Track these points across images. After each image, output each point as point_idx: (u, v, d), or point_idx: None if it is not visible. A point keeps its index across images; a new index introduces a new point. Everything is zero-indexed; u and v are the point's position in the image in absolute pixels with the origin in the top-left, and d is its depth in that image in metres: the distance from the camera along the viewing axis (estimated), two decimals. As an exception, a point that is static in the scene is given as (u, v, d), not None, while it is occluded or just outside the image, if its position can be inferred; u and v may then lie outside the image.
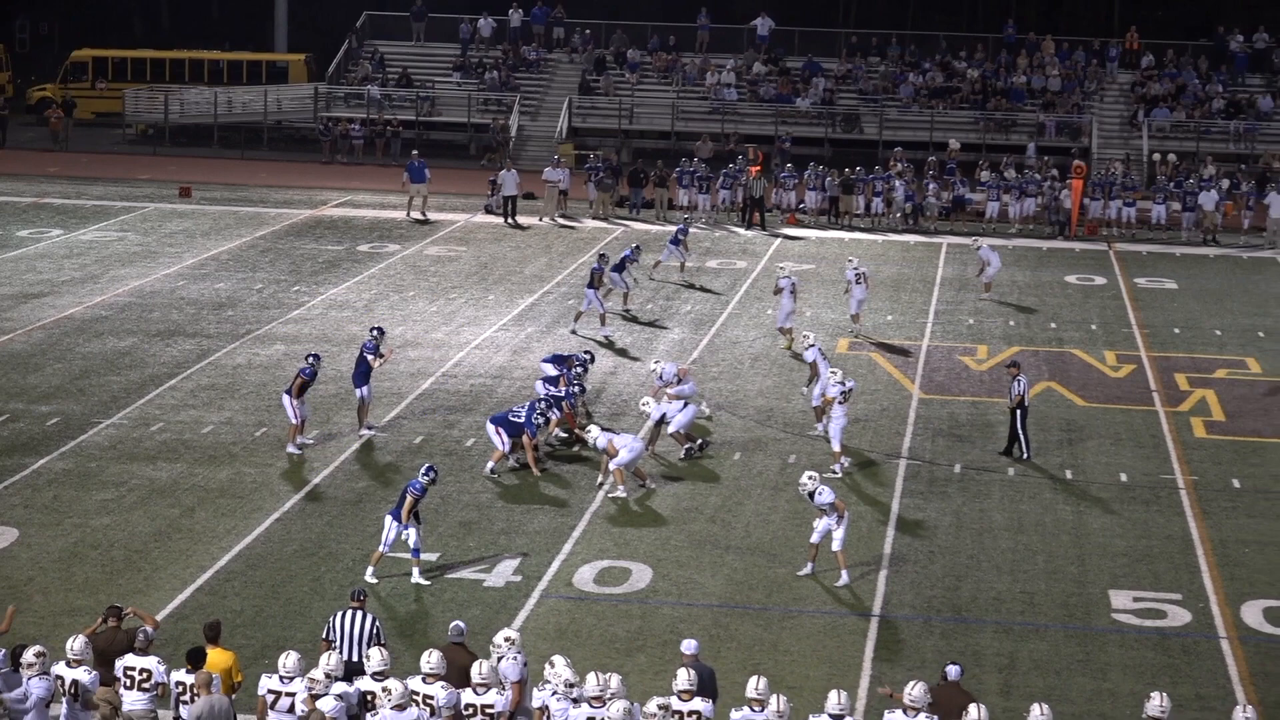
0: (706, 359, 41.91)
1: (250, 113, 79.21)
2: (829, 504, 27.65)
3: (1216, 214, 60.13)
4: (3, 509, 30.11)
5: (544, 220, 60.69)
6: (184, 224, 58.01)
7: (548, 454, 33.67)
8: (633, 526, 30.17)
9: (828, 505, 27.64)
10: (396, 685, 19.65)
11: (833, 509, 27.63)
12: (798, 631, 25.97)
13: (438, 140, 76.31)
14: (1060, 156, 69.62)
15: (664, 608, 26.64)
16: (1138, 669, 24.89)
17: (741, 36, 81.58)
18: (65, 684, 19.99)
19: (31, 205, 60.90)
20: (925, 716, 19.60)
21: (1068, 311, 48.38)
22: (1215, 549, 29.83)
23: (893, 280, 51.81)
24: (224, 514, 30.21)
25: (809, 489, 27.83)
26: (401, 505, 27.25)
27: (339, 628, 22.00)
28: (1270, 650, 25.80)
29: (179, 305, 45.90)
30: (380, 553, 27.29)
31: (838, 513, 27.65)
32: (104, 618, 21.58)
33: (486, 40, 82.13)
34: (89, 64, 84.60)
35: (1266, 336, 45.76)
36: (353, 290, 48.21)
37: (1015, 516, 31.25)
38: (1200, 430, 37.10)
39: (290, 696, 19.82)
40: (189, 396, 37.38)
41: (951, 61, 78.86)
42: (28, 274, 49.09)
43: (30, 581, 26.97)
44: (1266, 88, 75.68)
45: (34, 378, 38.47)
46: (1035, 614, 26.91)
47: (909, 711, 19.63)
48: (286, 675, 19.93)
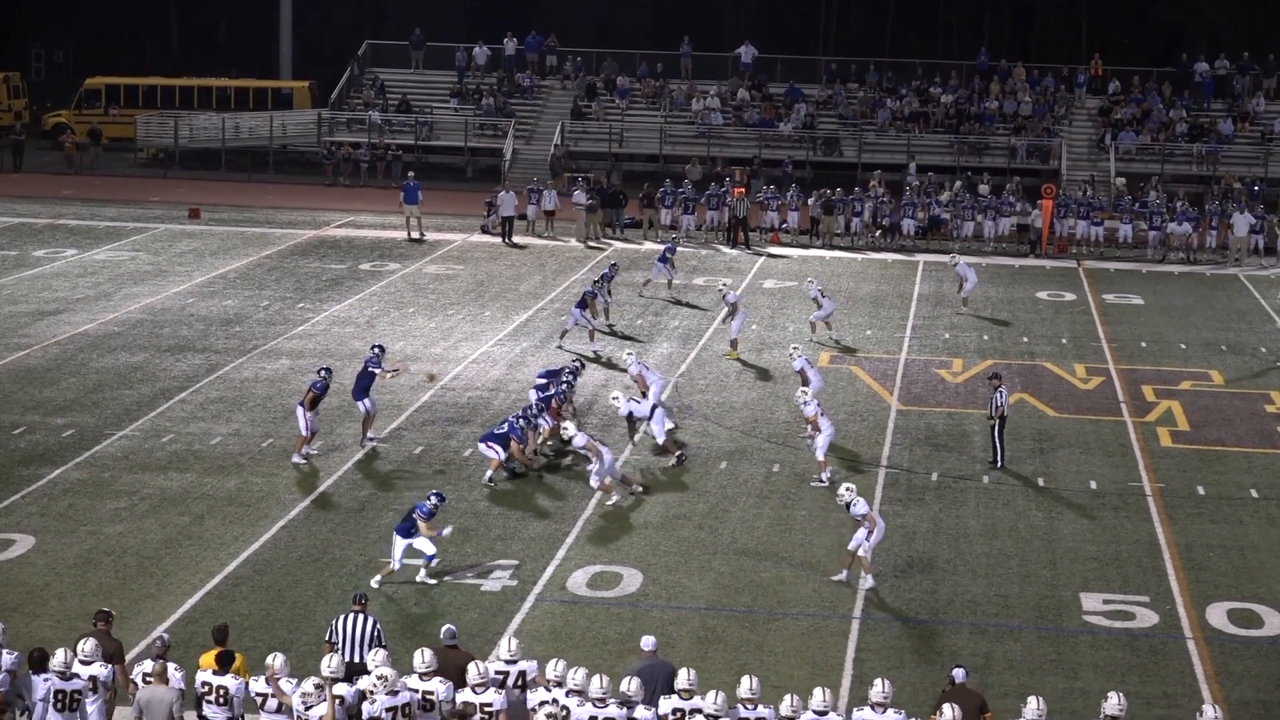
0: (694, 372, 41.90)
1: (257, 137, 79.25)
2: (863, 515, 27.60)
3: (1193, 237, 60.35)
4: (20, 517, 30.07)
5: (575, 241, 60.77)
6: (193, 244, 57.98)
7: (543, 465, 33.66)
8: (624, 533, 30.15)
9: (861, 516, 27.59)
10: (391, 672, 19.67)
11: (865, 520, 27.59)
12: (782, 633, 25.94)
13: (436, 163, 76.33)
14: (1031, 178, 69.85)
15: (654, 611, 26.61)
16: (1108, 668, 24.88)
17: (726, 64, 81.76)
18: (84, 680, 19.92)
19: (47, 226, 60.85)
20: (894, 713, 19.59)
21: (1039, 326, 48.40)
22: (1181, 553, 29.83)
23: (872, 296, 51.85)
24: (232, 522, 30.18)
25: (845, 499, 27.71)
26: (410, 524, 27.23)
27: (341, 630, 21.96)
28: (1234, 650, 25.79)
29: (189, 322, 45.86)
30: (392, 569, 27.24)
31: (869, 525, 27.61)
32: (94, 621, 21.51)
33: (482, 68, 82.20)
34: (102, 91, 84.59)
35: (1229, 350, 45.79)
36: (355, 307, 48.18)
37: (990, 522, 31.24)
38: (1166, 439, 37.11)
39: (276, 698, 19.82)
40: (198, 409, 37.34)
41: (927, 87, 78.99)
42: (44, 292, 49.05)
43: (46, 587, 26.92)
44: (1228, 112, 75.81)
45: (50, 391, 38.43)
46: (1009, 616, 26.89)
47: (877, 708, 19.62)
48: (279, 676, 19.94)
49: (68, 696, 19.77)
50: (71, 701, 19.75)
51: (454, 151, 78.19)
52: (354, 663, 21.13)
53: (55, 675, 19.76)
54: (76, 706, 19.77)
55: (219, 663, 20.26)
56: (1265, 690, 24.38)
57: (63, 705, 19.74)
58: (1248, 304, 52.29)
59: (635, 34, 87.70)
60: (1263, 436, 37.61)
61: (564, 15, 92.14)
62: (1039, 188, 64.36)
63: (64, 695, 19.77)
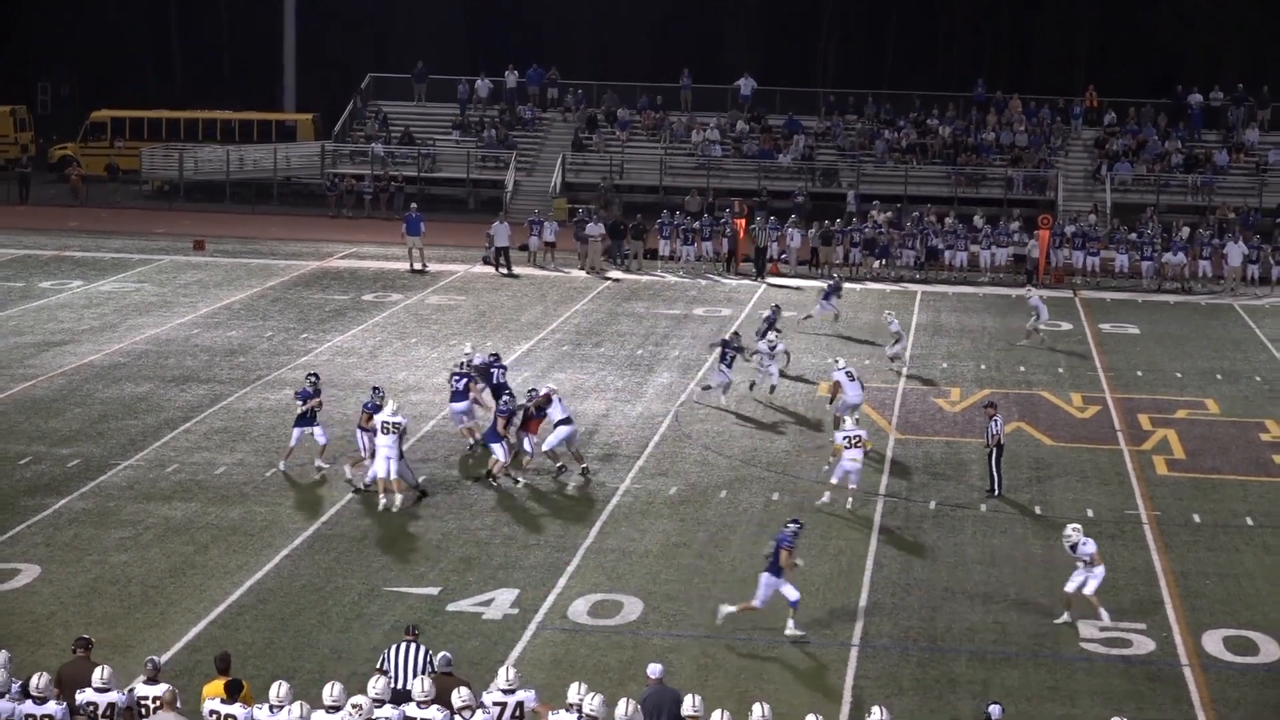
0: (694, 402, 41.88)
1: (260, 169, 79.37)
2: (1090, 555, 27.47)
3: (1187, 267, 60.50)
4: (26, 547, 30.06)
5: (586, 271, 60.92)
6: (198, 275, 58.04)
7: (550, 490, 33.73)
8: (624, 561, 30.13)
9: (1089, 556, 27.47)
10: (365, 700, 19.70)
11: (1092, 560, 27.47)
12: (781, 660, 25.92)
13: (438, 195, 76.43)
14: (1028, 209, 69.93)
15: (654, 639, 26.59)
16: (1105, 696, 24.85)
17: (726, 96, 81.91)
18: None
19: (53, 258, 60.91)
20: None
21: (1036, 355, 48.41)
22: (1177, 580, 29.82)
23: (870, 326, 51.85)
24: (236, 551, 30.17)
25: (1072, 540, 27.49)
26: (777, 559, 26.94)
27: (392, 658, 21.98)
28: (1230, 677, 25.77)
29: (193, 352, 45.88)
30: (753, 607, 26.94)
31: (1095, 564, 27.48)
32: (74, 648, 21.49)
33: (484, 100, 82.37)
34: (107, 124, 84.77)
35: (1224, 379, 45.81)
36: (358, 337, 48.20)
37: (988, 550, 31.24)
38: (1162, 468, 37.11)
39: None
40: (202, 439, 37.34)
41: (924, 119, 79.11)
42: (49, 323, 49.08)
43: (52, 616, 26.91)
44: (1222, 143, 75.94)
45: (55, 422, 38.44)
46: (1007, 643, 26.87)
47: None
48: (277, 705, 19.90)
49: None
50: None
51: (456, 183, 78.31)
52: (401, 689, 21.13)
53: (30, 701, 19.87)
54: None
55: (228, 691, 20.24)
56: (1261, 717, 24.38)
57: None
58: (1243, 333, 52.32)
59: (635, 66, 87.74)
60: (1258, 465, 37.61)
61: (565, 48, 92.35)
62: (1036, 218, 64.41)
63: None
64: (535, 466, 34.93)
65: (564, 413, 35.10)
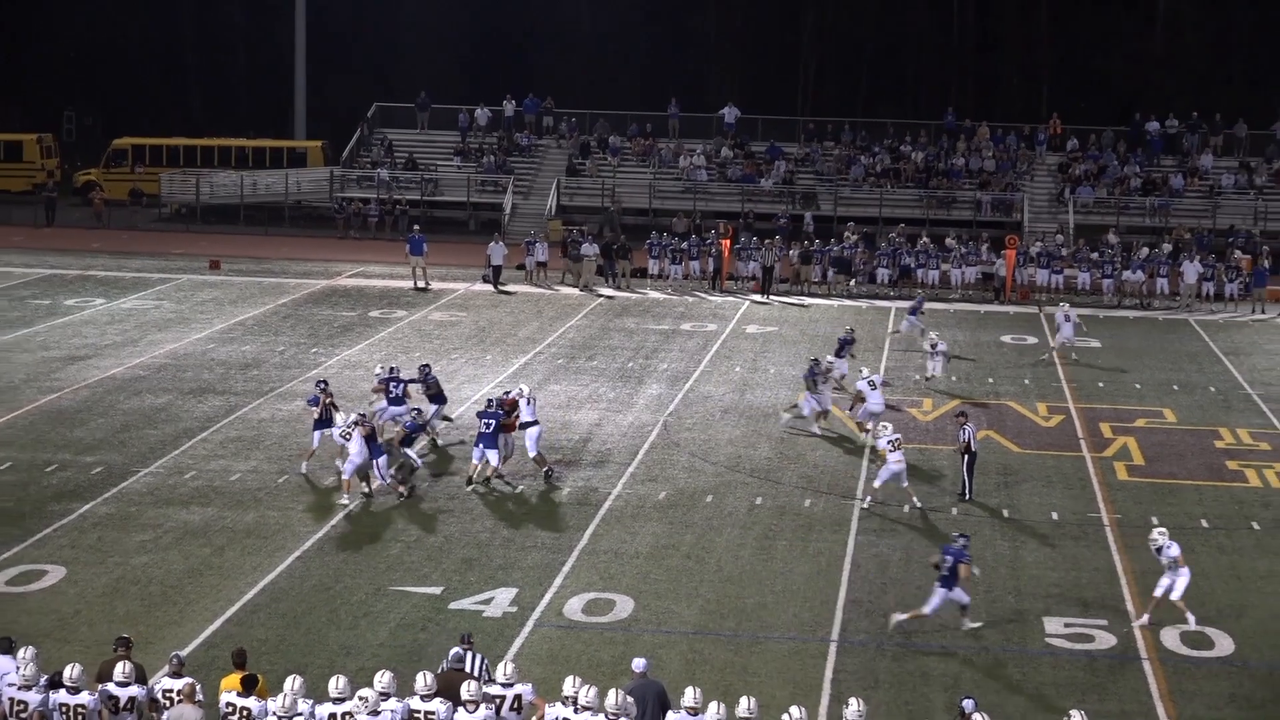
0: (681, 411, 41.90)
1: (273, 193, 79.36)
2: (1175, 558, 27.41)
3: (1145, 284, 60.59)
4: (53, 549, 30.04)
5: (579, 290, 60.96)
6: (214, 293, 58.02)
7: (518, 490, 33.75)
8: (616, 562, 30.12)
9: (1174, 559, 27.41)
10: (371, 693, 19.70)
11: (1176, 563, 27.41)
12: (764, 655, 25.93)
13: (440, 218, 76.38)
14: (995, 230, 70.03)
15: (645, 635, 26.59)
16: (1069, 688, 24.87)
17: (711, 124, 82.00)
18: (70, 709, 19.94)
19: (78, 277, 60.88)
20: None
21: (1003, 368, 48.46)
22: (1137, 579, 29.83)
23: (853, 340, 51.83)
24: (250, 553, 30.16)
25: (1158, 544, 27.30)
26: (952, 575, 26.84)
27: None
28: (1186, 670, 25.79)
29: (209, 366, 45.86)
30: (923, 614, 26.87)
31: (1180, 566, 27.44)
32: (115, 647, 21.53)
33: (483, 128, 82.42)
34: (129, 151, 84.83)
35: (1181, 390, 45.84)
36: (365, 352, 48.18)
37: (958, 551, 31.25)
38: (1123, 473, 37.15)
39: None
40: (218, 448, 37.32)
41: (898, 145, 79.25)
42: (74, 339, 49.05)
43: (77, 614, 26.90)
44: (1178, 168, 76.10)
45: (80, 431, 38.41)
46: (977, 638, 26.88)
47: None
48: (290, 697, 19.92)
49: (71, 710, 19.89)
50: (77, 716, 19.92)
51: (457, 206, 78.30)
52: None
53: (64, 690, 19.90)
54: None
55: (244, 685, 20.25)
56: (1216, 707, 24.39)
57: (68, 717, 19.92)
58: (1198, 347, 52.37)
59: (626, 96, 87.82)
60: (1212, 471, 37.65)
61: (559, 78, 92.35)
62: (1003, 238, 64.53)
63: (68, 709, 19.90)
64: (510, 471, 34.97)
65: (531, 415, 35.26)
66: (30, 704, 19.84)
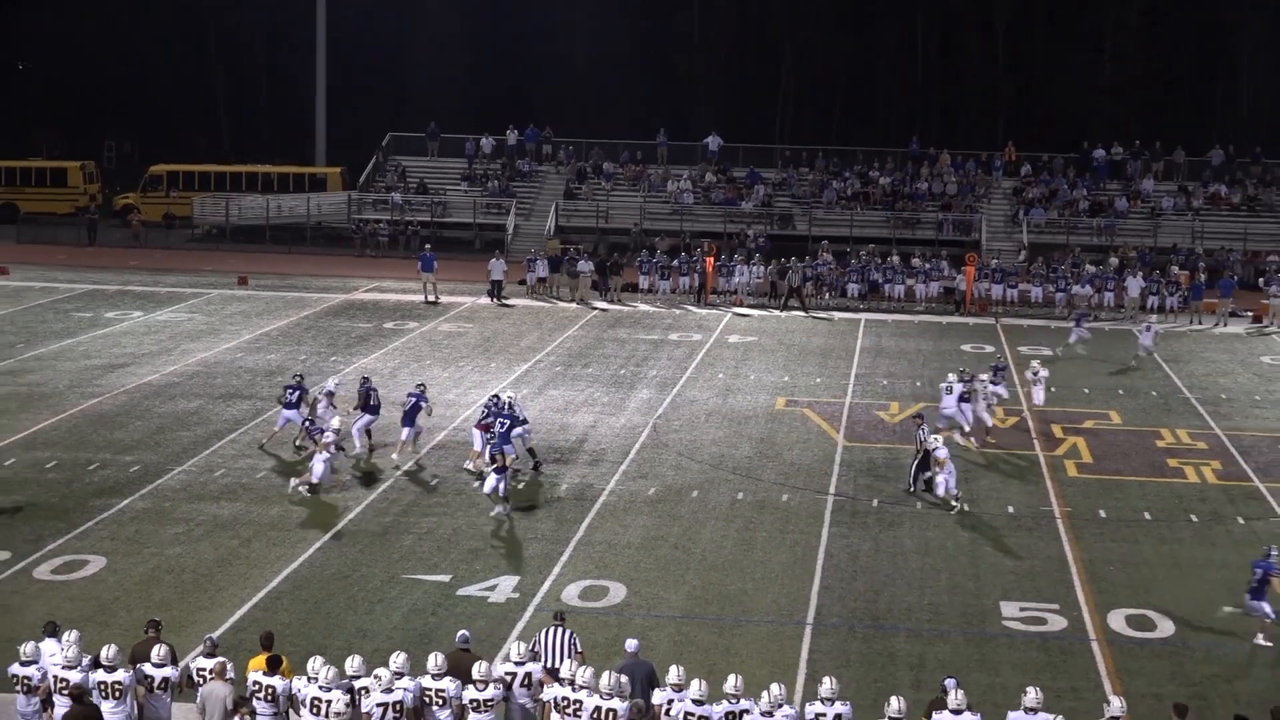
0: (669, 414, 41.88)
1: (296, 215, 79.21)
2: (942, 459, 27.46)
3: (1093, 298, 60.60)
4: (94, 541, 30.01)
5: (574, 303, 60.87)
6: (242, 307, 57.95)
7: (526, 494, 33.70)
8: (610, 552, 30.10)
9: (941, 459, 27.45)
10: (385, 672, 19.69)
11: None
12: (746, 637, 25.92)
13: (449, 237, 76.24)
14: (956, 248, 70.05)
15: (636, 619, 26.57)
16: (1024, 667, 24.87)
17: (696, 151, 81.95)
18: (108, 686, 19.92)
19: (117, 292, 60.79)
20: (840, 704, 19.61)
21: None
22: (1086, 567, 29.86)
23: (821, 349, 51.88)
24: (275, 544, 30.12)
25: None
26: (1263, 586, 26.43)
27: (544, 641, 21.82)
28: (1131, 650, 25.81)
29: (238, 373, 45.80)
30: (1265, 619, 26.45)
31: None
32: (145, 629, 21.52)
33: (488, 155, 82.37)
34: (164, 176, 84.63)
35: (1125, 394, 45.85)
36: (380, 360, 48.13)
37: (923, 542, 31.24)
38: (1073, 470, 37.15)
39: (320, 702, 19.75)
40: (246, 448, 37.27)
41: (867, 171, 79.24)
42: (114, 348, 48.97)
43: (116, 601, 26.87)
44: (1123, 191, 76.11)
45: (119, 433, 38.35)
46: (940, 622, 26.88)
47: (826, 702, 19.63)
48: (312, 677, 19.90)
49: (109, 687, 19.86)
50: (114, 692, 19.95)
51: (464, 227, 78.17)
52: (553, 668, 20.97)
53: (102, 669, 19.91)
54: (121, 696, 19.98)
55: (269, 665, 20.24)
56: (1158, 684, 24.40)
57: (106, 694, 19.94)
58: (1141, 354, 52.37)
59: (619, 126, 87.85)
60: (1154, 468, 37.67)
61: (558, 110, 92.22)
62: (963, 256, 64.57)
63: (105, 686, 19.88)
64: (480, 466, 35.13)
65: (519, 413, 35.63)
66: (72, 682, 19.82)
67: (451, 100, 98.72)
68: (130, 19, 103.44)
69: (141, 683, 20.19)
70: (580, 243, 70.42)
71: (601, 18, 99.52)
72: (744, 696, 19.69)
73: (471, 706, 19.84)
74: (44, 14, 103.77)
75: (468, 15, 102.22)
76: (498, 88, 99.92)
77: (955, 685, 20.21)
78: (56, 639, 20.93)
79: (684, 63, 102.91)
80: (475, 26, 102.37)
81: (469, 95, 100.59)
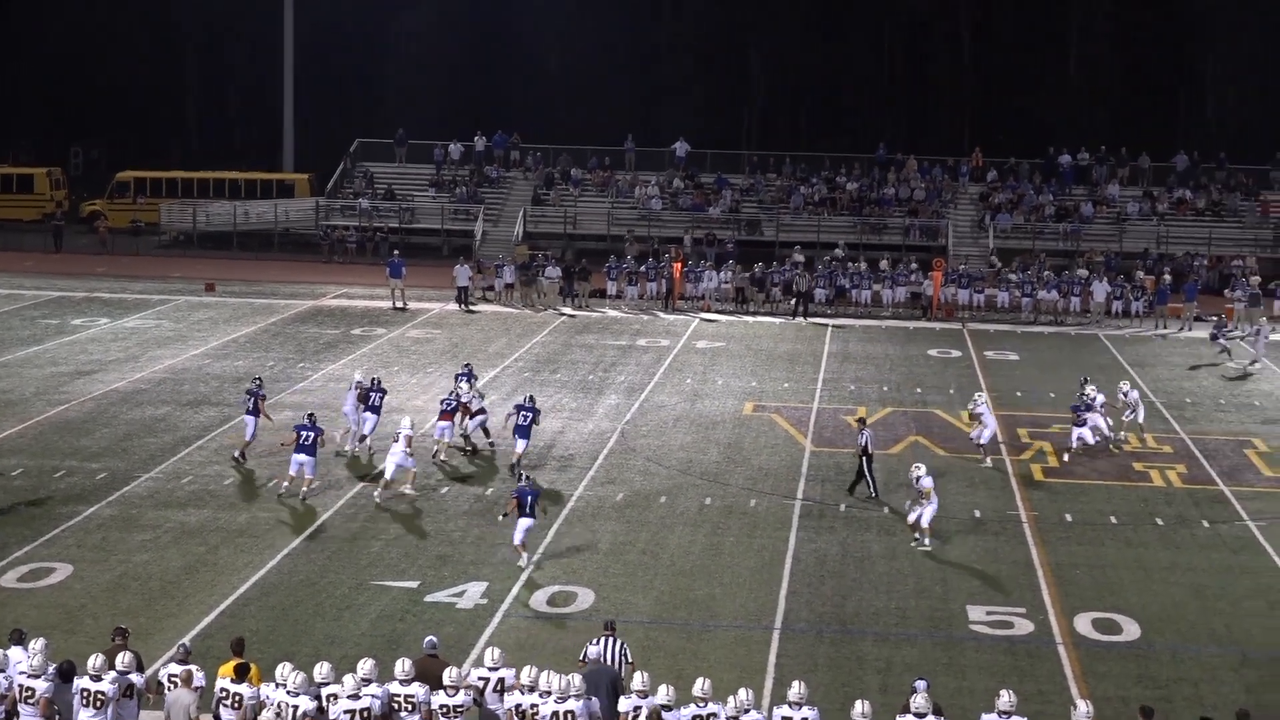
0: (637, 420, 41.89)
1: (263, 221, 79.01)
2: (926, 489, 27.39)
3: (1059, 303, 60.83)
4: (61, 548, 29.89)
5: (540, 309, 60.83)
6: (209, 313, 57.78)
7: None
8: (578, 557, 30.09)
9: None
10: (352, 679, 19.67)
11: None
12: (713, 642, 25.94)
13: (417, 243, 76.09)
14: (923, 253, 70.18)
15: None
16: (991, 670, 24.93)
17: (664, 157, 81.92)
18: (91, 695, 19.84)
19: (84, 299, 60.57)
20: (808, 709, 19.63)
21: (930, 379, 48.55)
22: (1053, 570, 29.94)
23: (789, 355, 51.94)
24: (242, 551, 30.04)
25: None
26: None
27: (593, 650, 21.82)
28: (1097, 653, 25.89)
29: (205, 380, 45.67)
30: None
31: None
32: (113, 636, 21.44)
33: (456, 161, 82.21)
34: (131, 183, 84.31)
35: (1091, 398, 45.99)
36: (348, 366, 47.97)
37: (890, 546, 31.30)
38: (1039, 475, 37.25)
39: None
40: (213, 455, 37.17)
41: (834, 177, 79.33)
42: (80, 355, 48.79)
43: (83, 608, 26.77)
44: (1088, 196, 76.33)
45: (86, 440, 38.21)
46: (907, 625, 26.94)
47: (794, 706, 19.66)
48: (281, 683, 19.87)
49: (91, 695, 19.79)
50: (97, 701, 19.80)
51: (432, 233, 78.01)
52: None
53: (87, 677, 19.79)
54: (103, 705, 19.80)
55: (237, 672, 20.19)
56: (1124, 687, 24.48)
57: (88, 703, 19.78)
58: (1106, 359, 52.55)
59: (586, 132, 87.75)
60: (1119, 472, 37.79)
61: (526, 116, 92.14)
62: (930, 261, 64.71)
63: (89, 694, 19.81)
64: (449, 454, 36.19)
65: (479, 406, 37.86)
66: (37, 690, 19.73)
67: (420, 106, 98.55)
68: (98, 25, 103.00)
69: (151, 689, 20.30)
70: (549, 248, 70.38)
71: (570, 24, 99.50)
72: (712, 700, 19.70)
73: (441, 712, 19.82)
74: (10, 20, 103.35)
75: (436, 22, 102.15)
76: (466, 94, 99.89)
77: (925, 687, 20.25)
78: (22, 646, 20.82)
79: (652, 69, 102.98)
80: (444, 33, 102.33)
81: (437, 101, 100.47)
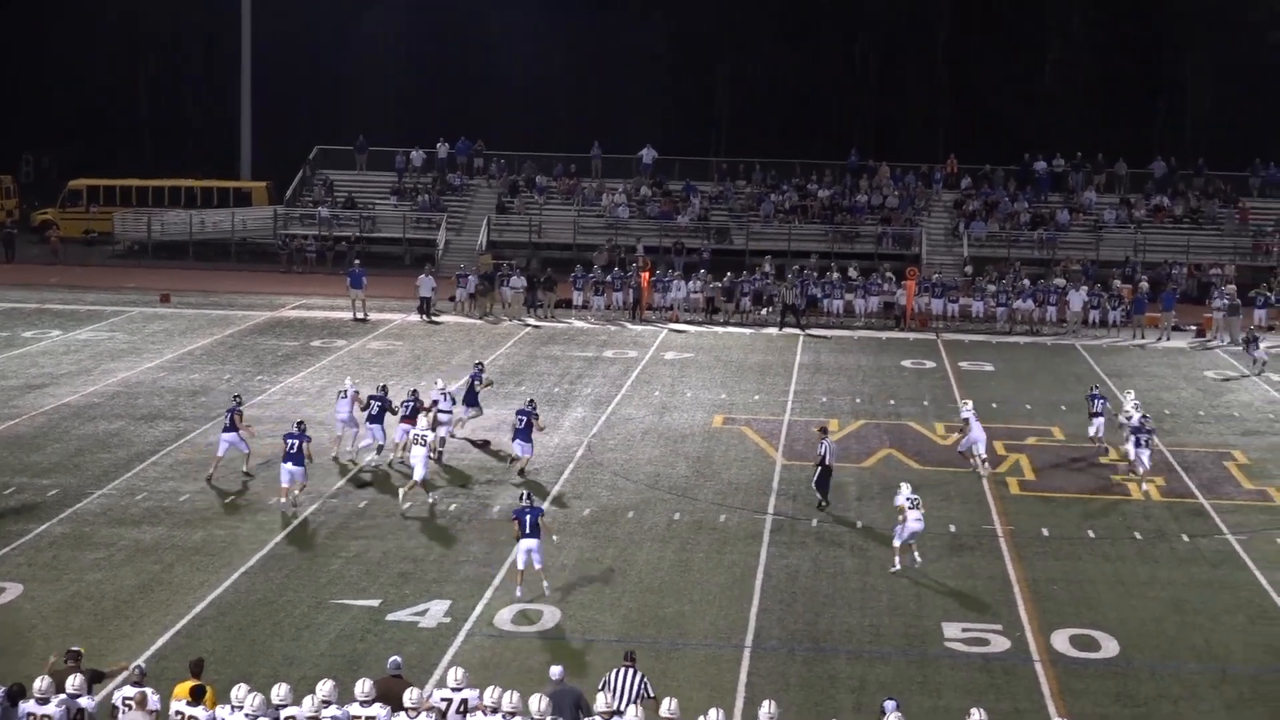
0: (604, 433, 41.83)
1: (220, 231, 78.80)
2: None
3: (1035, 312, 60.98)
4: (10, 567, 29.69)
5: (506, 320, 60.67)
6: (164, 325, 57.55)
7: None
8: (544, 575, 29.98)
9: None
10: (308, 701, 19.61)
11: None
12: (683, 661, 25.87)
13: (378, 253, 75.97)
14: (896, 262, 70.26)
15: (571, 643, 26.49)
16: (966, 688, 24.92)
17: (631, 164, 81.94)
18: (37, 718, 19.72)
19: (35, 310, 60.27)
20: None
21: (904, 390, 48.60)
22: (1029, 586, 29.95)
23: (759, 366, 51.93)
24: (198, 569, 29.88)
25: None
26: None
27: (613, 681, 21.68)
28: (1075, 670, 25.90)
29: (160, 393, 45.47)
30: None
31: None
32: (64, 658, 21.29)
33: (418, 169, 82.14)
34: (84, 191, 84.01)
35: (1068, 409, 46.05)
36: (307, 379, 47.88)
37: (863, 561, 31.28)
38: (1015, 488, 37.29)
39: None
40: (169, 470, 36.99)
41: (805, 184, 79.44)
42: (31, 368, 48.54)
43: (33, 629, 26.58)
44: (1064, 204, 76.61)
45: (36, 456, 38.00)
46: (881, 643, 26.91)
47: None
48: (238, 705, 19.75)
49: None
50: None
51: (394, 242, 77.92)
52: (619, 711, 20.50)
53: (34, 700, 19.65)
54: None
55: (192, 694, 20.08)
56: (1103, 705, 24.49)
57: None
58: (1083, 369, 52.65)
59: (552, 138, 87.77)
60: (1098, 485, 37.85)
61: (489, 122, 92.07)
62: (903, 270, 64.81)
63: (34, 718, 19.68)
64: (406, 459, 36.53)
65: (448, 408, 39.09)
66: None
67: (381, 112, 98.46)
68: (50, 31, 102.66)
69: None
70: (514, 258, 70.28)
71: (536, 29, 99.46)
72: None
73: (402, 734, 19.75)
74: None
75: (398, 26, 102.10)
76: (428, 99, 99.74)
77: (895, 708, 20.23)
78: (-30, 669, 20.70)
79: (620, 75, 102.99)
80: (406, 38, 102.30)
81: (398, 107, 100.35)
